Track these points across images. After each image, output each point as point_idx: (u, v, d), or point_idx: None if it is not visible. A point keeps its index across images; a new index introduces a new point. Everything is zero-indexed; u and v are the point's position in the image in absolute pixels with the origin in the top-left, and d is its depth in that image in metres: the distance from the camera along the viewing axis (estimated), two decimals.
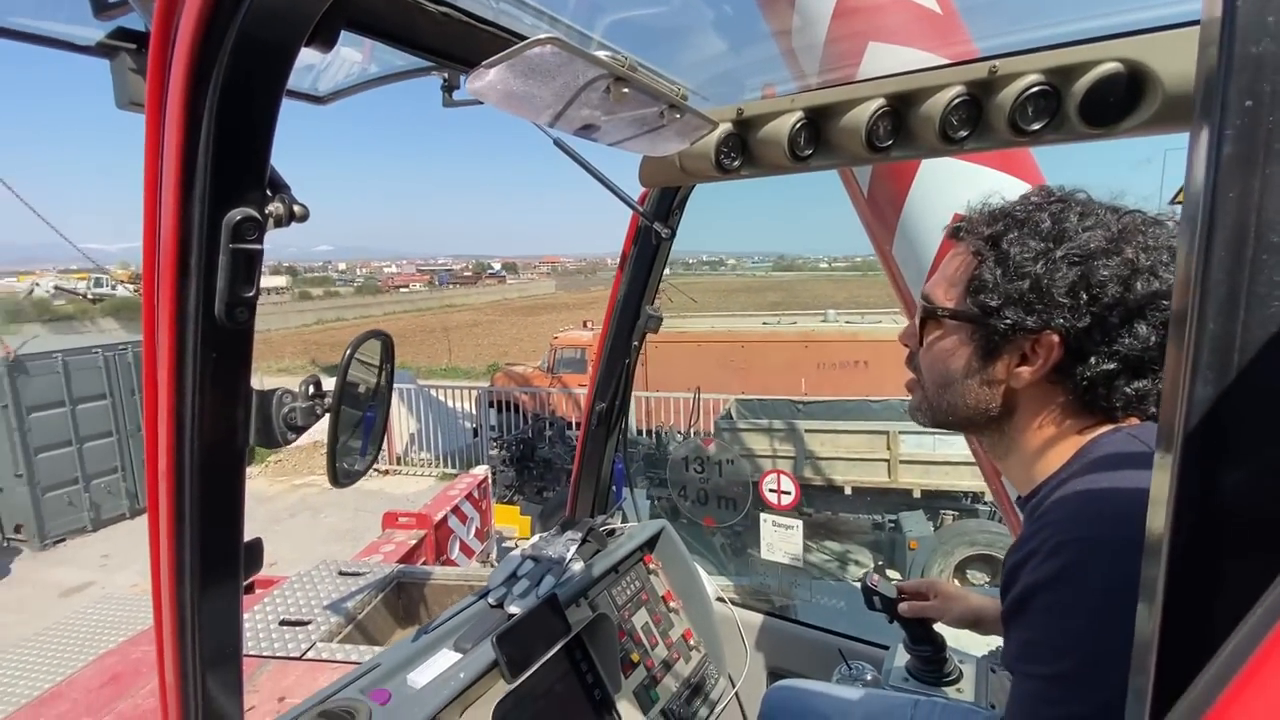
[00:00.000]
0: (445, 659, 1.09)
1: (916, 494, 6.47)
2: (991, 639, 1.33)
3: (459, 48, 0.81)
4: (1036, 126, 0.90)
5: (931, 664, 1.30)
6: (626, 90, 0.83)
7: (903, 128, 1.03)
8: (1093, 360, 0.76)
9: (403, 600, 3.37)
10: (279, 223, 0.67)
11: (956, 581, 5.88)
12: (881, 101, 1.01)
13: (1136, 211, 0.80)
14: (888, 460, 6.43)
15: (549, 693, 1.16)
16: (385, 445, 9.97)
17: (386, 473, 9.86)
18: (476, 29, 0.79)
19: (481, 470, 6.28)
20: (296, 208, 0.67)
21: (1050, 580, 0.67)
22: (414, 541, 4.62)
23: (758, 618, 1.58)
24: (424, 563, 4.62)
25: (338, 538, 7.60)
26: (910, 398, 0.96)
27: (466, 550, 5.54)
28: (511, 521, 7.47)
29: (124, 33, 1.51)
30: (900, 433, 6.41)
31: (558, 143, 1.37)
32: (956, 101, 0.97)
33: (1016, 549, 0.74)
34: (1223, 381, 0.30)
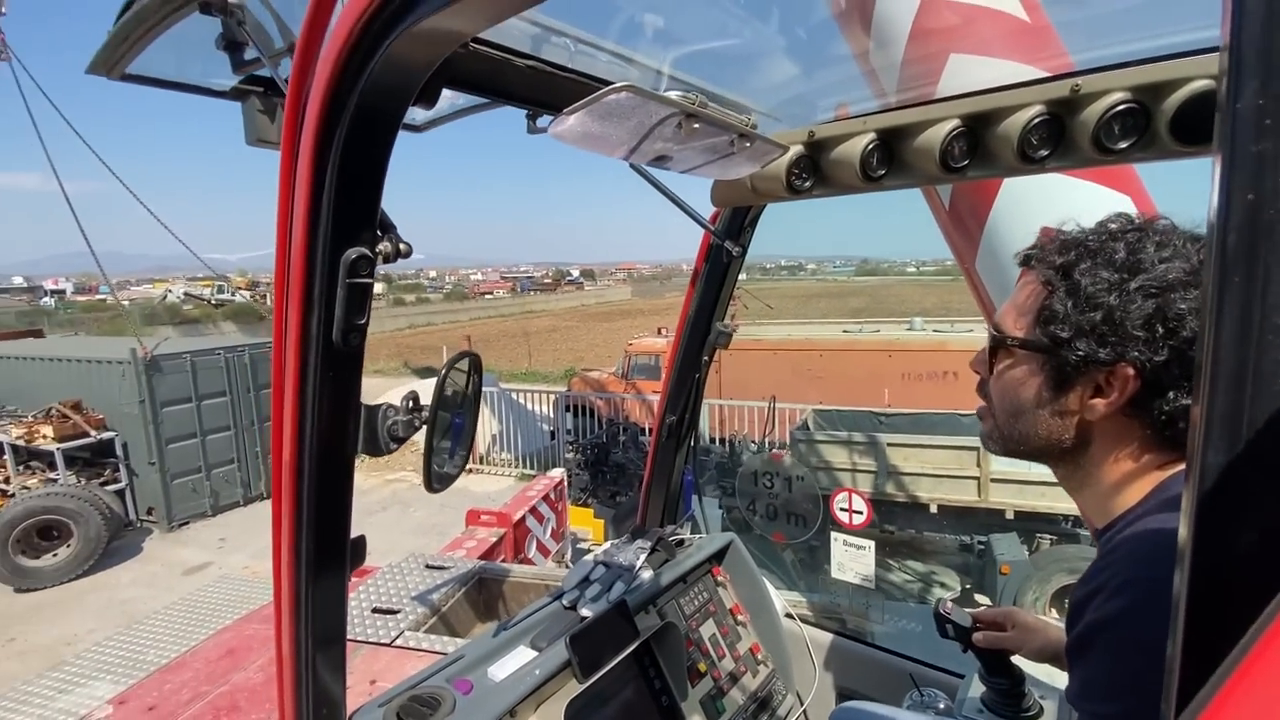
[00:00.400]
0: (522, 655, 1.16)
1: (1009, 515, 6.08)
2: None
3: (543, 94, 0.88)
4: (1123, 145, 0.87)
5: (1009, 697, 1.24)
6: (697, 125, 0.87)
7: (979, 147, 1.01)
8: (1171, 395, 0.73)
9: (483, 595, 3.54)
10: (387, 259, 0.76)
11: (1054, 611, 5.48)
12: (956, 122, 1.00)
13: None
14: (978, 478, 6.09)
15: (618, 695, 1.21)
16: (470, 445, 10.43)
17: (470, 471, 10.31)
18: (558, 77, 0.86)
19: (558, 473, 6.47)
20: (402, 246, 0.76)
21: (1114, 619, 0.65)
22: (494, 539, 4.82)
23: (827, 636, 1.56)
24: (503, 560, 4.82)
25: (424, 531, 8.03)
26: (982, 425, 0.95)
27: (543, 550, 5.72)
28: (585, 524, 7.64)
29: (254, 80, 1.71)
30: None
31: (633, 165, 1.43)
32: (1036, 121, 0.95)
33: (1084, 582, 0.72)
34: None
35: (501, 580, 3.59)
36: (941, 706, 1.32)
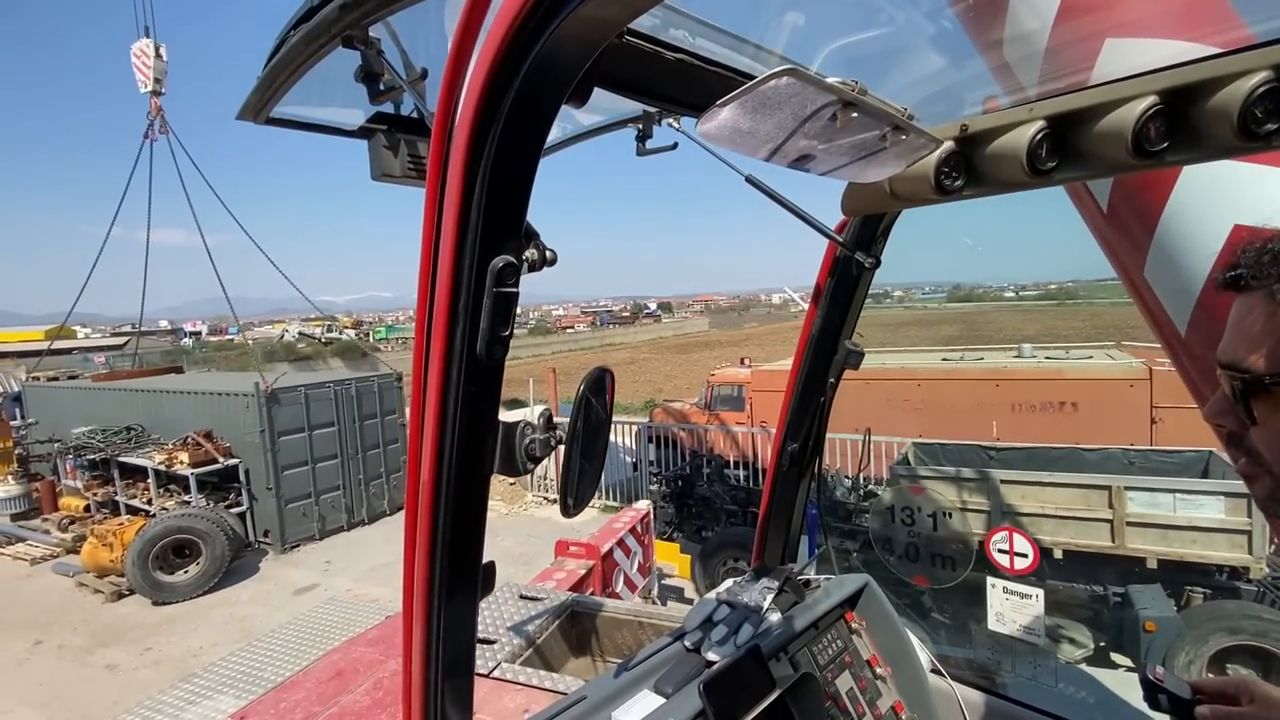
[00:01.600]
0: (648, 701, 1.07)
1: (1151, 564, 5.38)
2: None
3: (688, 92, 0.83)
4: None
5: None
6: (855, 115, 0.80)
7: (1184, 127, 0.87)
8: None
9: (575, 629, 3.48)
10: (533, 267, 0.72)
11: (1210, 675, 4.74)
12: (1153, 99, 0.87)
13: None
14: (1110, 521, 5.45)
15: None
16: (555, 475, 10.58)
17: (555, 502, 10.42)
18: (705, 71, 0.81)
19: (644, 505, 6.37)
20: (548, 253, 0.72)
21: None
22: (583, 571, 4.78)
23: (983, 698, 1.37)
24: (591, 592, 4.76)
25: (512, 560, 8.13)
26: (1253, 487, 0.77)
27: (630, 584, 5.61)
28: (671, 559, 7.47)
29: (379, 117, 1.80)
30: (1127, 488, 5.42)
31: (750, 179, 1.36)
32: (1262, 90, 0.81)
33: None
34: None
35: (594, 614, 3.52)
36: None
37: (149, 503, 8.66)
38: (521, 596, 3.61)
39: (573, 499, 0.80)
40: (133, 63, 10.45)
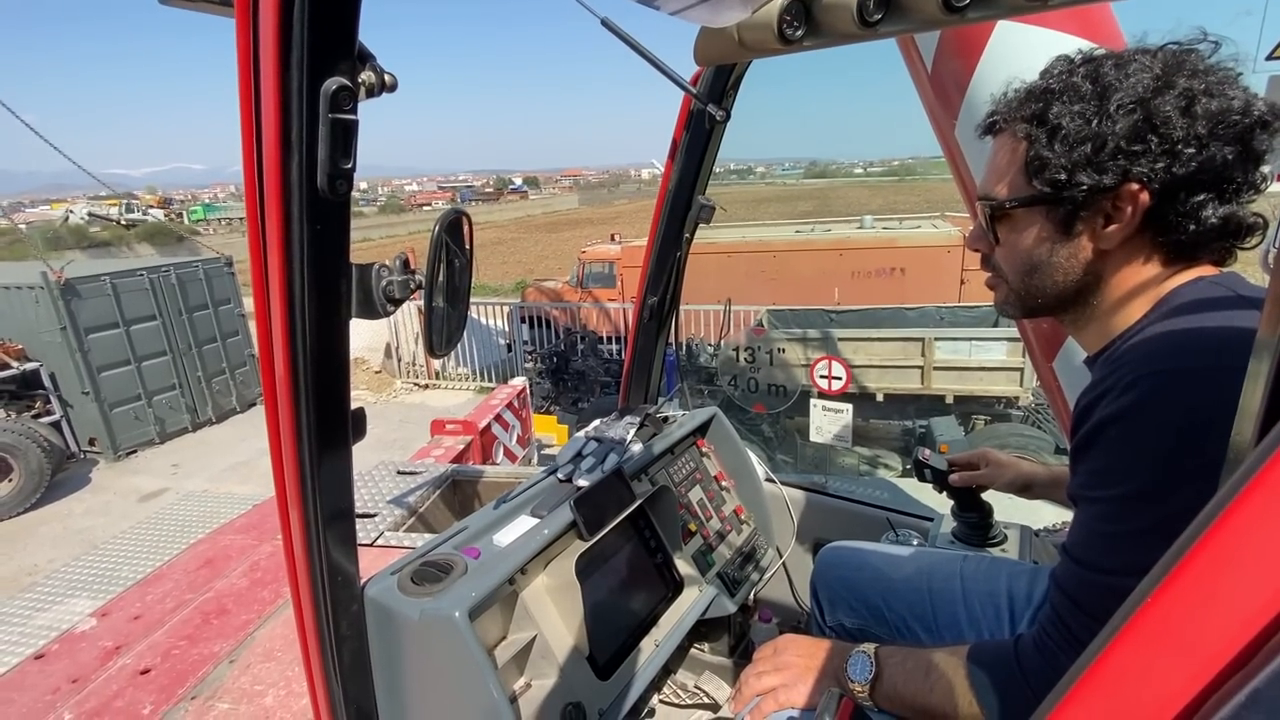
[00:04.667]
0: (525, 523, 1.19)
1: (949, 400, 6.50)
2: (1040, 511, 1.40)
3: None
4: None
5: (978, 529, 1.38)
6: None
7: None
8: (1183, 195, 0.76)
9: (458, 495, 3.60)
10: (370, 92, 0.69)
11: None
12: None
13: (1168, 45, 0.81)
14: (922, 367, 6.43)
15: (618, 553, 1.28)
16: (424, 360, 10.29)
17: (427, 387, 10.22)
18: None
19: (520, 381, 6.47)
20: (387, 77, 0.69)
21: (1124, 411, 0.70)
22: (461, 446, 4.86)
23: (803, 495, 1.67)
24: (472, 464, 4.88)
25: (386, 446, 8.01)
26: (995, 295, 0.97)
27: (510, 455, 5.82)
28: (550, 430, 7.77)
29: None
30: (936, 339, 6.37)
31: (605, 22, 1.32)
32: None
33: (1087, 393, 0.77)
34: None
35: (475, 481, 3.64)
36: (915, 543, 1.46)
37: None
38: (399, 472, 3.63)
39: (439, 339, 0.83)
40: None
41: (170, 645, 2.21)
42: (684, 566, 1.38)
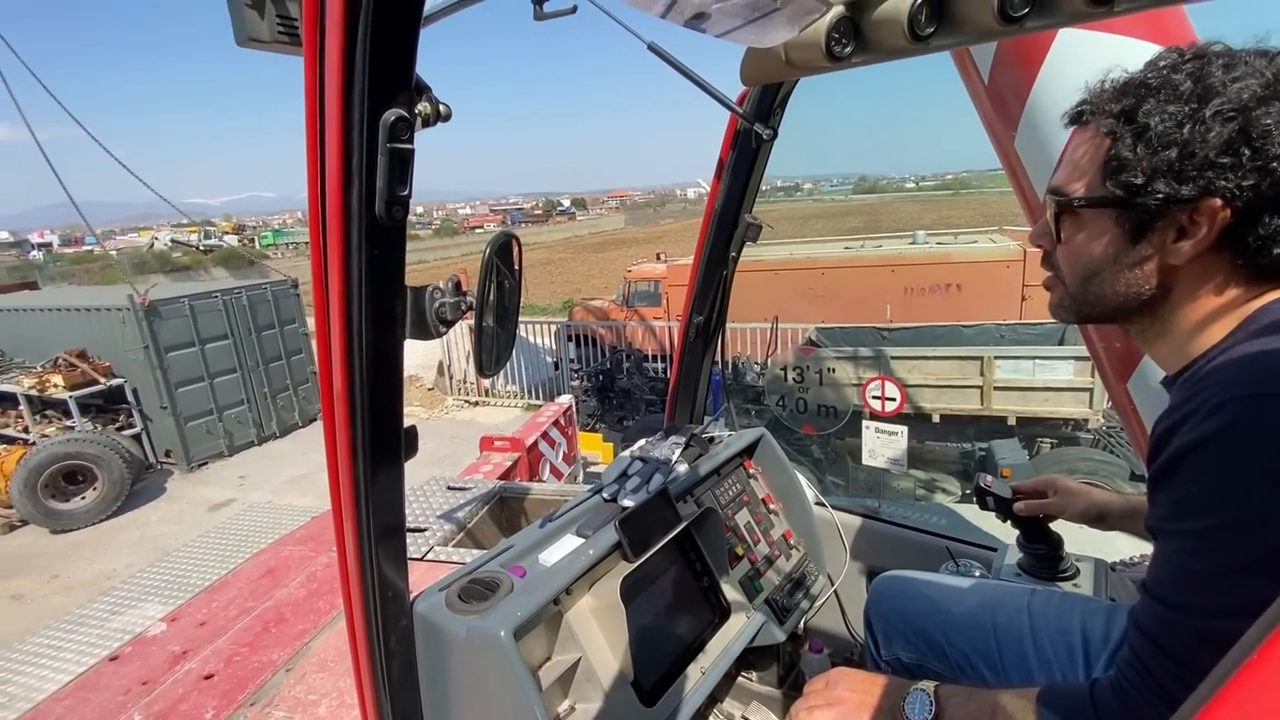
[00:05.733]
0: (570, 542, 1.19)
1: (1011, 421, 6.21)
2: (1115, 542, 1.31)
3: None
4: None
5: (1047, 561, 1.29)
6: None
7: None
8: (1266, 218, 0.70)
9: (505, 512, 3.64)
10: (426, 122, 0.71)
11: None
12: None
13: None
14: (981, 387, 6.17)
15: (664, 575, 1.26)
16: (474, 378, 10.53)
17: (477, 404, 10.44)
18: None
19: (566, 399, 6.54)
20: (442, 107, 0.71)
21: (1212, 436, 0.65)
22: (509, 463, 4.93)
23: (858, 520, 1.61)
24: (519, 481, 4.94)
25: (437, 461, 8.20)
26: (1051, 296, 0.92)
27: (556, 473, 5.86)
28: (595, 448, 7.80)
29: None
30: (996, 358, 6.11)
31: (652, 47, 1.34)
32: None
33: (1167, 416, 0.72)
34: None
35: (522, 498, 3.68)
36: (978, 575, 1.38)
37: (26, 430, 7.93)
38: (449, 488, 3.70)
39: (489, 358, 0.85)
40: None
41: (232, 652, 2.29)
42: (731, 591, 1.35)
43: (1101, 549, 1.41)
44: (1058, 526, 1.32)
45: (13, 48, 8.95)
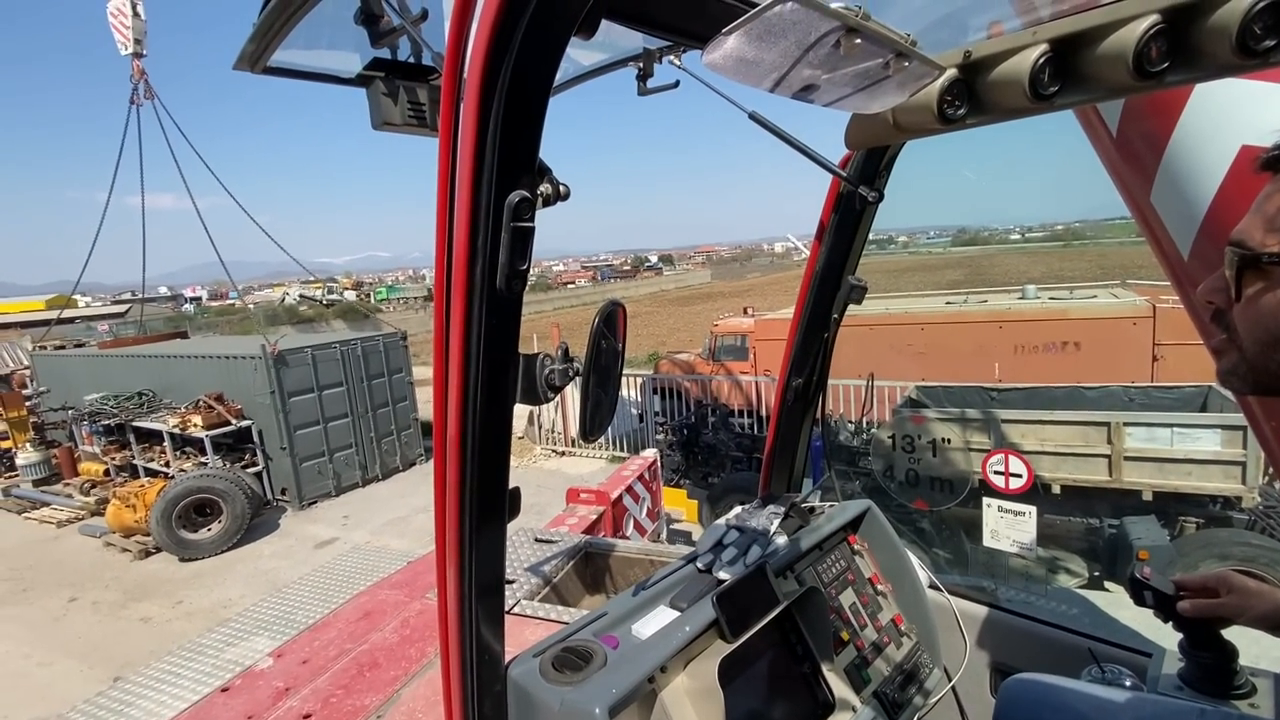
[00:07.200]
0: (664, 615, 1.15)
1: (1147, 496, 5.52)
2: None
3: (692, 21, 0.84)
4: None
5: (1217, 673, 1.10)
6: (858, 41, 0.81)
7: (1185, 45, 0.88)
8: None
9: (590, 568, 3.62)
10: (547, 202, 0.75)
11: None
12: (1155, 18, 0.87)
13: None
14: (1109, 456, 5.56)
15: (763, 658, 1.18)
16: (561, 428, 10.75)
17: (563, 454, 10.61)
18: (708, 2, 0.82)
19: (651, 453, 6.51)
20: (561, 188, 0.75)
21: None
22: (594, 516, 4.93)
23: (980, 609, 1.46)
24: (603, 536, 4.92)
25: (524, 510, 8.29)
26: (1220, 361, 0.81)
27: (639, 528, 5.79)
28: (679, 504, 7.67)
29: (377, 63, 1.78)
30: (1126, 424, 5.51)
31: (753, 116, 1.36)
32: (1260, 6, 0.81)
33: None
34: None
35: (607, 554, 3.66)
36: (1128, 684, 1.20)
37: (167, 465, 8.86)
38: (536, 540, 3.74)
39: (593, 423, 0.85)
40: (110, 24, 10.06)
41: (329, 692, 2.37)
42: (835, 681, 1.24)
43: None
44: (1229, 633, 1.13)
45: (186, 136, 10.51)
